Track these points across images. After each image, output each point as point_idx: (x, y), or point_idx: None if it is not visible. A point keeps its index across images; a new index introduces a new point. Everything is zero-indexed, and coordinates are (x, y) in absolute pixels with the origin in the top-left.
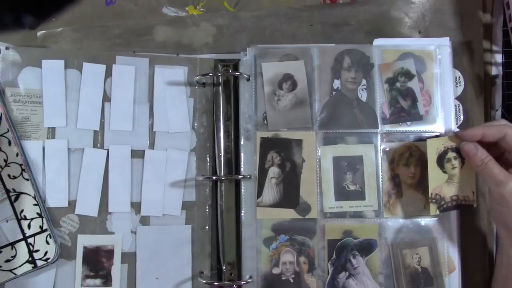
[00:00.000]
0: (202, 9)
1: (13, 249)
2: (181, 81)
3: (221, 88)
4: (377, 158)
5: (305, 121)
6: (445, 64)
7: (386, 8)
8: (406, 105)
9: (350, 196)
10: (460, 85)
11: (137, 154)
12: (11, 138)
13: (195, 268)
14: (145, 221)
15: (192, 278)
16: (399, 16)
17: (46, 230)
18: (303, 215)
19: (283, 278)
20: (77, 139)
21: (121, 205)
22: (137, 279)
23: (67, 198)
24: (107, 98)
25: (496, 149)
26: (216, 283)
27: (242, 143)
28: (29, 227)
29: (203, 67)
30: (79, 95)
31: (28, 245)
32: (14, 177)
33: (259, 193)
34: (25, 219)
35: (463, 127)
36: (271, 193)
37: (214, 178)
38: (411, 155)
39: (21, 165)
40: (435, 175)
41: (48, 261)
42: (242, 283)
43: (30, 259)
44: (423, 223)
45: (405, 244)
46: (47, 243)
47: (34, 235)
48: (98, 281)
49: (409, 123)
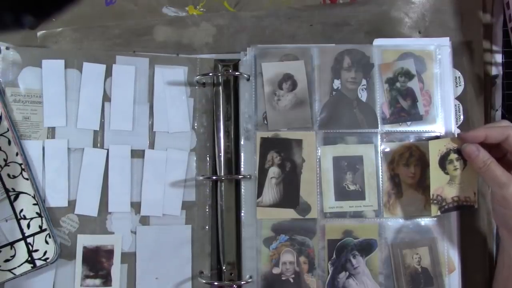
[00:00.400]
0: (202, 9)
1: (12, 248)
2: (181, 81)
3: (221, 88)
4: (377, 158)
5: (305, 121)
6: (445, 64)
7: (386, 8)
8: (406, 105)
9: (350, 196)
10: (460, 85)
11: (137, 154)
12: (11, 137)
13: (195, 268)
14: (145, 221)
15: (192, 278)
16: (399, 16)
17: (45, 229)
18: (303, 215)
19: (283, 278)
20: (77, 139)
21: (121, 205)
22: (137, 279)
23: (67, 198)
24: (107, 98)
25: (498, 150)
26: (216, 283)
27: (242, 143)
28: (29, 226)
29: (203, 67)
30: (79, 95)
31: (27, 245)
32: (13, 177)
33: (259, 193)
34: (25, 218)
35: (463, 127)
36: (271, 193)
37: (214, 178)
38: (411, 155)
39: (20, 164)
40: (436, 176)
41: (47, 261)
42: (242, 283)
43: (29, 259)
44: (423, 223)
45: (405, 244)
46: (47, 243)
47: (33, 235)
48: (97, 281)
49: (409, 123)
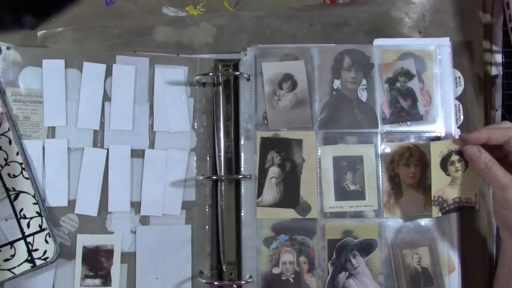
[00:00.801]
0: (202, 9)
1: (12, 248)
2: (181, 81)
3: (221, 88)
4: (377, 158)
5: (305, 121)
6: (445, 64)
7: (386, 8)
8: (406, 105)
9: (350, 196)
10: (460, 85)
11: (137, 153)
12: (11, 137)
13: (195, 268)
14: (145, 221)
15: (192, 278)
16: (399, 16)
17: (45, 229)
18: (303, 215)
19: (283, 278)
20: (77, 138)
21: (121, 205)
22: (137, 279)
23: (67, 197)
24: (107, 97)
25: (499, 152)
26: (216, 283)
27: (242, 143)
28: (29, 226)
29: (203, 67)
30: (79, 94)
31: (27, 244)
32: (14, 176)
33: (259, 193)
34: (25, 218)
35: (463, 127)
36: (271, 193)
37: (214, 178)
38: (411, 155)
39: (21, 164)
40: (438, 178)
41: (47, 261)
42: (242, 283)
43: (29, 258)
44: (423, 223)
45: (405, 244)
46: (46, 242)
47: (33, 234)
48: (97, 281)
49: (409, 123)
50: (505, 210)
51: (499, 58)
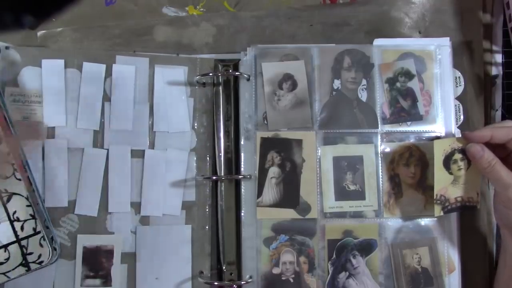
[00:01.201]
0: (202, 9)
1: (6, 251)
2: (181, 81)
3: (221, 88)
4: (377, 158)
5: (305, 121)
6: (445, 64)
7: (386, 8)
8: (406, 105)
9: (350, 196)
10: (460, 85)
11: (137, 154)
12: (2, 136)
13: (195, 268)
14: (145, 221)
15: (192, 278)
16: (399, 16)
17: (39, 232)
18: (303, 215)
19: (283, 278)
20: (77, 138)
21: (121, 205)
22: (137, 279)
23: (67, 198)
24: (107, 97)
25: (502, 151)
26: (216, 283)
27: (242, 143)
28: (22, 229)
29: (203, 67)
30: (79, 94)
31: (21, 247)
32: (6, 177)
33: (259, 193)
34: (18, 220)
35: (463, 127)
36: (271, 193)
37: (214, 178)
38: (411, 155)
39: (13, 164)
40: (441, 177)
41: (42, 264)
42: (242, 283)
43: (23, 262)
44: (423, 223)
45: (405, 244)
46: (41, 245)
47: (27, 237)
48: (97, 281)
49: (409, 123)
50: (508, 209)
51: (499, 58)
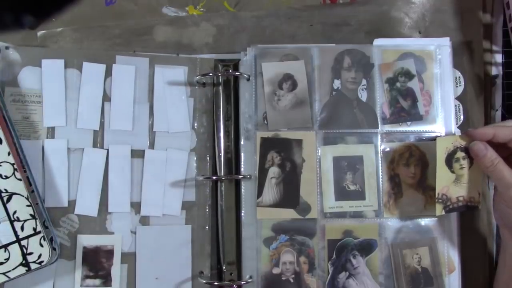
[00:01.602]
0: (202, 9)
1: (6, 251)
2: (181, 81)
3: (221, 88)
4: (377, 158)
5: (305, 121)
6: (445, 64)
7: (386, 8)
8: (406, 105)
9: (350, 196)
10: (460, 85)
11: (137, 154)
12: (2, 137)
13: (195, 268)
14: (145, 221)
15: (192, 278)
16: (399, 16)
17: (39, 232)
18: (303, 215)
19: (283, 278)
20: (77, 138)
21: (121, 205)
22: (137, 279)
23: (67, 198)
24: (107, 97)
25: (504, 150)
26: (216, 283)
27: (242, 143)
28: (22, 229)
29: (203, 67)
30: (79, 94)
31: (21, 247)
32: (6, 177)
33: (259, 193)
34: (18, 220)
35: (463, 127)
36: (271, 193)
37: (214, 178)
38: (411, 155)
39: (13, 164)
40: (443, 175)
41: (42, 264)
42: (242, 283)
43: (23, 262)
44: (423, 223)
45: (405, 244)
46: (41, 245)
47: (27, 237)
48: (97, 281)
49: (409, 123)
50: (510, 208)
51: (499, 58)
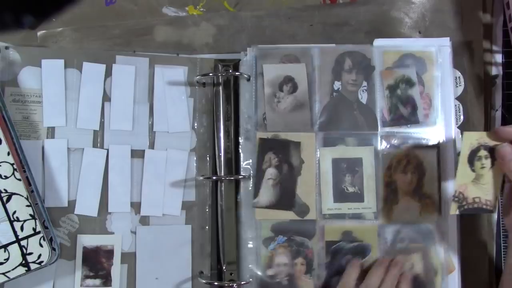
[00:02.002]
0: (202, 9)
1: (6, 251)
2: (181, 81)
3: (221, 88)
4: (377, 160)
5: (304, 124)
6: (446, 64)
7: (386, 8)
8: (406, 112)
9: (349, 198)
10: (460, 85)
11: (137, 154)
12: (2, 137)
13: (195, 268)
14: (145, 221)
15: (192, 278)
16: (399, 16)
17: (39, 232)
18: (302, 216)
19: (277, 280)
20: (76, 138)
21: (121, 205)
22: (137, 279)
23: (67, 198)
24: (107, 97)
25: None
26: (216, 283)
27: (241, 143)
28: (22, 229)
29: (203, 67)
30: (79, 94)
31: (21, 247)
32: (5, 177)
33: (256, 194)
34: (18, 220)
35: (463, 127)
36: (267, 194)
37: (214, 178)
38: (408, 162)
39: (12, 164)
40: (463, 172)
41: (41, 265)
42: (242, 283)
43: (23, 262)
44: (418, 229)
45: (399, 250)
46: (41, 245)
47: (27, 237)
48: (97, 281)
49: (408, 125)
50: None
51: (499, 58)
